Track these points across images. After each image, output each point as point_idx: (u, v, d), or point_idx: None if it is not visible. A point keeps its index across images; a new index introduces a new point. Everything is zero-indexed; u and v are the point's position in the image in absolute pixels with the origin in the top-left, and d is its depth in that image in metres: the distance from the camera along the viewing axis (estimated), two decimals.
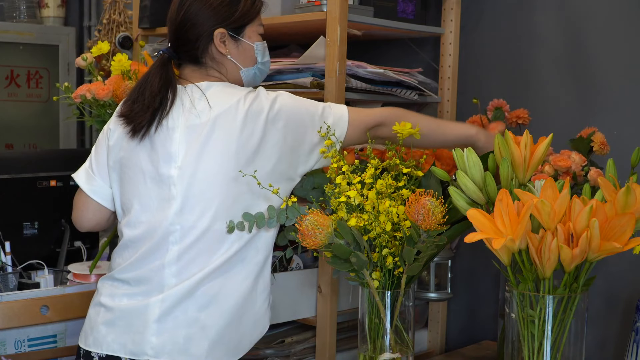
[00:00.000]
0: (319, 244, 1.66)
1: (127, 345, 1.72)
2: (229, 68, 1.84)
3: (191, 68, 1.84)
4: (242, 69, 1.85)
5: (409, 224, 1.72)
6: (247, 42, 1.84)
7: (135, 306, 1.73)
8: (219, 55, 1.82)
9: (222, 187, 1.72)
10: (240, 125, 1.72)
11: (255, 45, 1.85)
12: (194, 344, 1.71)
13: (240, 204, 1.74)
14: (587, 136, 2.10)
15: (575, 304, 1.57)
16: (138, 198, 1.77)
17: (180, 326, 1.71)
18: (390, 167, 1.83)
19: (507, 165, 1.64)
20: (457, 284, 2.55)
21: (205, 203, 1.72)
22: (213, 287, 1.72)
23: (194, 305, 1.71)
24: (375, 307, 1.79)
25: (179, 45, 1.83)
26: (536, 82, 2.39)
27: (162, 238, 1.73)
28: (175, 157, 1.74)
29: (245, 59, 1.85)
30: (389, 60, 2.67)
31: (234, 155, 1.72)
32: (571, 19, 2.32)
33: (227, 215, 1.74)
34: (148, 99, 1.76)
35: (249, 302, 1.77)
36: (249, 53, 1.85)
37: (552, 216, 1.49)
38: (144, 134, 1.76)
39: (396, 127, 1.86)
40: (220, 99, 1.76)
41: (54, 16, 4.06)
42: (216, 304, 1.73)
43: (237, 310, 1.75)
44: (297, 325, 2.39)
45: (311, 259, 2.33)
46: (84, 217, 1.89)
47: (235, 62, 1.83)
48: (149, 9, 2.70)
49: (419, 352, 2.53)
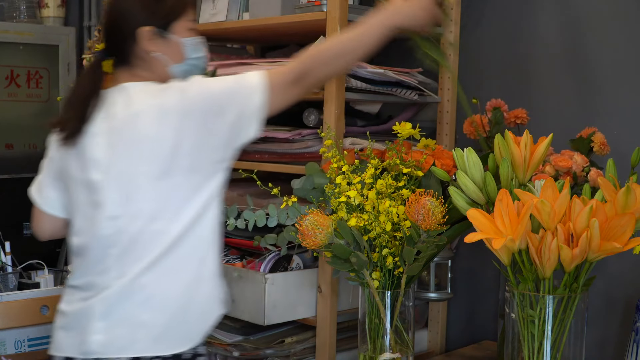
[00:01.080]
0: (319, 244, 1.66)
1: (78, 345, 1.75)
2: (158, 66, 1.80)
3: (122, 68, 1.81)
4: (171, 65, 1.81)
5: (409, 224, 1.72)
6: (175, 39, 1.80)
7: (82, 308, 1.75)
8: (146, 54, 1.78)
9: (149, 187, 1.70)
10: (157, 123, 1.69)
11: (184, 42, 1.81)
12: (138, 340, 1.72)
13: (176, 199, 1.72)
14: (587, 136, 2.10)
15: (575, 304, 1.57)
16: (77, 206, 1.78)
17: (123, 324, 1.72)
18: (390, 167, 1.83)
19: (507, 165, 1.64)
20: (457, 284, 2.55)
21: (136, 205, 1.71)
22: (152, 283, 1.72)
23: (134, 302, 1.72)
24: (375, 307, 1.79)
25: (109, 45, 1.81)
26: (536, 82, 2.39)
27: (100, 244, 1.74)
28: (100, 162, 1.72)
29: (174, 55, 1.81)
30: (389, 60, 2.67)
31: (156, 154, 1.69)
32: (571, 19, 2.32)
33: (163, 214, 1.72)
34: (75, 105, 1.75)
35: (192, 294, 1.76)
36: (178, 50, 1.80)
37: (552, 216, 1.49)
38: (73, 141, 1.75)
39: (396, 127, 1.86)
40: (139, 99, 1.73)
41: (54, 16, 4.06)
42: (156, 300, 1.73)
43: (179, 305, 1.74)
44: (297, 325, 2.39)
45: (311, 259, 2.33)
46: (39, 227, 1.90)
47: (164, 60, 1.79)
48: None
49: (419, 352, 2.53)
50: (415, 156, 1.86)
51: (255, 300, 2.21)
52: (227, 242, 2.37)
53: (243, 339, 2.38)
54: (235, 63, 2.47)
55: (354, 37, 1.79)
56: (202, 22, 2.61)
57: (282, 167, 2.30)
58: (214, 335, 2.42)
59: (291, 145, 2.31)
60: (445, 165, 1.89)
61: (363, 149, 2.03)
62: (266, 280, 2.18)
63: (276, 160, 2.35)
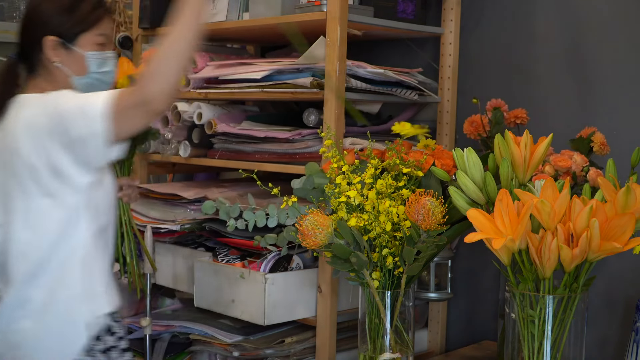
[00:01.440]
0: (319, 244, 1.66)
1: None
2: (60, 77, 1.80)
3: (30, 77, 1.81)
4: (73, 77, 1.80)
5: (409, 224, 1.72)
6: (78, 51, 1.79)
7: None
8: (50, 64, 1.78)
9: (19, 201, 1.72)
10: (22, 138, 1.69)
11: (88, 55, 1.80)
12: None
13: (40, 215, 1.72)
14: (587, 136, 2.10)
15: (575, 304, 1.57)
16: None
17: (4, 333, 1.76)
18: (390, 167, 1.83)
19: (507, 165, 1.64)
20: (457, 284, 2.55)
21: (11, 216, 1.73)
22: (27, 294, 1.74)
23: (18, 312, 1.74)
24: (375, 307, 1.79)
25: (20, 50, 1.82)
26: (536, 82, 2.39)
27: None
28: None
29: (77, 68, 1.80)
30: (389, 60, 2.67)
31: (22, 170, 1.70)
32: (571, 19, 2.32)
33: (30, 229, 1.72)
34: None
35: (50, 314, 1.74)
36: (81, 62, 1.80)
37: (552, 216, 1.49)
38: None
39: (396, 127, 1.86)
40: (22, 113, 1.73)
41: None
42: (33, 310, 1.74)
43: (33, 332, 1.74)
44: (297, 325, 2.39)
45: (311, 259, 2.33)
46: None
47: (66, 71, 1.79)
48: (149, 9, 2.70)
49: (419, 352, 2.53)
50: (415, 156, 1.86)
51: (255, 300, 2.21)
52: (227, 242, 2.37)
53: (243, 339, 2.38)
54: (235, 63, 2.47)
55: (179, 28, 1.67)
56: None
57: (282, 167, 2.30)
58: (214, 335, 2.42)
59: (291, 145, 2.31)
60: (445, 165, 1.89)
61: (363, 149, 2.03)
62: (266, 280, 2.19)
63: (276, 160, 2.35)
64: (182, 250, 2.53)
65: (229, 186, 2.61)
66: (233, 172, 2.73)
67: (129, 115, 1.65)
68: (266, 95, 2.33)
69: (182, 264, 2.52)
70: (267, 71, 2.32)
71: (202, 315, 2.53)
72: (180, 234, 2.53)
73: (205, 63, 2.57)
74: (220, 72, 2.47)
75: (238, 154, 2.46)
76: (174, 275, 2.55)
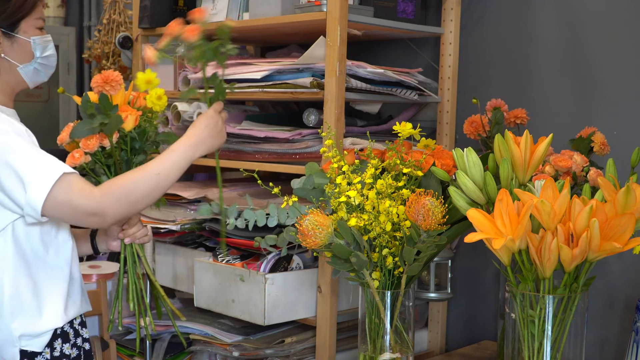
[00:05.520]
0: (319, 244, 1.66)
1: None
2: (4, 67, 1.76)
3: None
4: (19, 66, 1.76)
5: (409, 224, 1.72)
6: (22, 38, 1.75)
7: None
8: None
9: None
10: None
11: (32, 40, 1.76)
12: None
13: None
14: (587, 136, 2.10)
15: (575, 304, 1.57)
16: None
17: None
18: (390, 167, 1.83)
19: (507, 165, 1.64)
20: (457, 284, 2.55)
21: None
22: None
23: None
24: (375, 307, 1.79)
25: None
26: (536, 82, 2.39)
27: None
28: None
29: (21, 55, 1.76)
30: (389, 60, 2.67)
31: None
32: (571, 19, 2.32)
33: None
34: None
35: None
36: (26, 49, 1.76)
37: (552, 216, 1.49)
38: None
39: (396, 127, 1.86)
40: None
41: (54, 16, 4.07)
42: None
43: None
44: (297, 325, 2.39)
45: (311, 259, 2.33)
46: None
47: (10, 60, 1.75)
48: (149, 9, 2.70)
49: (419, 352, 2.53)
50: (415, 156, 1.86)
51: (255, 300, 2.21)
52: (227, 242, 2.37)
53: (243, 339, 2.38)
54: (235, 63, 2.47)
55: (162, 172, 1.69)
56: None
57: (282, 167, 2.30)
58: (214, 335, 2.42)
59: (291, 145, 2.31)
60: (445, 165, 1.89)
61: (363, 149, 2.03)
62: (266, 280, 2.19)
63: (276, 160, 2.35)
64: (182, 250, 2.54)
65: (228, 186, 2.61)
66: (233, 172, 2.73)
67: (71, 213, 1.63)
68: (266, 95, 2.33)
69: (182, 264, 2.52)
70: (267, 71, 2.32)
71: (202, 315, 2.53)
72: (180, 234, 2.53)
73: None
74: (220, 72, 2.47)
75: (238, 154, 2.46)
76: (174, 275, 2.56)
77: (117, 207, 1.65)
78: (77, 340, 1.81)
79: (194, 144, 1.76)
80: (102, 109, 1.74)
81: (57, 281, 1.76)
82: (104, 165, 1.80)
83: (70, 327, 1.80)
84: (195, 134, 1.77)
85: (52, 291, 1.75)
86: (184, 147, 1.74)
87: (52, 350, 1.74)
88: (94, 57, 3.76)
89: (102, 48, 3.70)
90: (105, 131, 1.75)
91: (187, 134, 1.77)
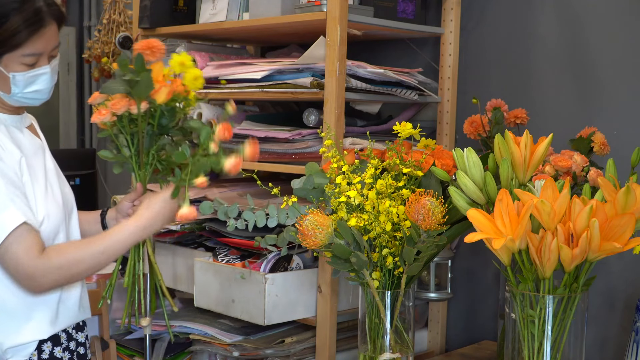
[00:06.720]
0: (319, 244, 1.66)
1: None
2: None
3: None
4: (1, 92, 1.73)
5: (409, 224, 1.72)
6: (2, 72, 1.69)
7: None
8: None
9: None
10: None
11: (12, 76, 1.69)
12: None
13: None
14: (587, 136, 2.10)
15: (575, 304, 1.57)
16: None
17: None
18: (390, 167, 1.83)
19: (507, 165, 1.64)
20: (457, 284, 2.55)
21: None
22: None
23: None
24: (375, 307, 1.79)
25: None
26: (536, 82, 2.39)
27: None
28: None
29: (3, 86, 1.71)
30: (389, 60, 2.67)
31: None
32: (571, 18, 2.32)
33: None
34: None
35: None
36: (6, 82, 1.70)
37: (552, 216, 1.49)
38: None
39: (396, 127, 1.86)
40: None
41: None
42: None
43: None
44: (297, 325, 2.39)
45: (311, 259, 2.33)
46: None
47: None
48: (149, 9, 2.70)
49: (419, 352, 2.53)
50: (415, 156, 1.86)
51: (255, 300, 2.21)
52: (227, 242, 2.37)
53: (243, 339, 2.38)
54: (235, 63, 2.47)
55: (108, 251, 1.69)
56: (202, 22, 2.62)
57: (282, 167, 2.30)
58: (214, 335, 2.42)
59: (291, 145, 2.31)
60: (445, 165, 1.89)
61: (363, 149, 2.03)
62: (266, 280, 2.19)
63: (276, 160, 2.35)
64: (182, 250, 2.53)
65: (228, 186, 2.61)
66: None
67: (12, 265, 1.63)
68: (266, 95, 2.33)
69: (182, 264, 2.52)
70: (267, 71, 2.32)
71: (202, 315, 2.53)
72: (180, 234, 2.53)
73: (205, 63, 2.57)
74: (220, 72, 2.47)
75: None
76: (174, 275, 2.55)
77: (54, 277, 1.65)
78: (70, 344, 1.81)
79: (143, 227, 1.72)
80: (136, 69, 1.67)
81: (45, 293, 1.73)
82: (127, 134, 1.73)
83: (63, 331, 1.79)
84: (148, 217, 1.72)
85: (39, 304, 1.73)
86: (134, 229, 1.71)
87: (40, 353, 1.74)
88: (94, 57, 3.76)
89: (102, 48, 3.70)
90: (134, 93, 1.68)
91: (139, 215, 1.72)
